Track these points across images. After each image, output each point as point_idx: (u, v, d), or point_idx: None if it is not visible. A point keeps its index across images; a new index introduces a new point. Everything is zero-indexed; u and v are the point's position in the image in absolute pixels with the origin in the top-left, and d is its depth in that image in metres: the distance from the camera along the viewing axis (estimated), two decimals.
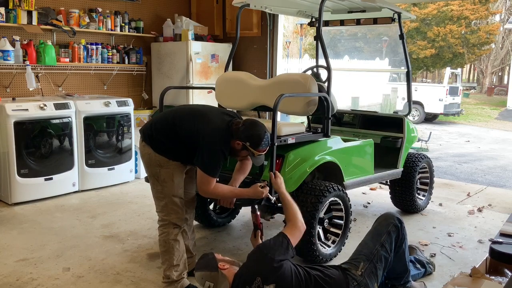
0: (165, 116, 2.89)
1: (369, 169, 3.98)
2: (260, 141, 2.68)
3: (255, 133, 2.68)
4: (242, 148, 2.71)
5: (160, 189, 2.85)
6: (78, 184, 5.11)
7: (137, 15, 6.15)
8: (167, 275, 2.87)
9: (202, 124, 2.71)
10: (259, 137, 2.68)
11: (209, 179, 2.68)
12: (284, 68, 13.73)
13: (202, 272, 2.35)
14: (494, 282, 2.48)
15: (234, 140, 2.69)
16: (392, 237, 2.62)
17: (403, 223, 2.72)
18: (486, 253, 2.98)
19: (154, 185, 2.89)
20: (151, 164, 2.84)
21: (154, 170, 2.83)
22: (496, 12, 25.50)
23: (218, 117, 2.78)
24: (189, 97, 6.01)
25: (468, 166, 8.35)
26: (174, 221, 2.85)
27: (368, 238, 2.67)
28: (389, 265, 2.61)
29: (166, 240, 2.86)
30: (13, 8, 4.81)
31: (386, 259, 2.58)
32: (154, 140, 2.81)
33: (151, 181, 2.91)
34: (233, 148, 2.72)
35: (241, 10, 4.14)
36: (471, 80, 34.23)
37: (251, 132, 2.68)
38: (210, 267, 2.33)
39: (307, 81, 3.33)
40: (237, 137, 2.68)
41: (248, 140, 2.67)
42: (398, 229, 2.66)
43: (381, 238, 2.60)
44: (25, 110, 4.57)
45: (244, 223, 4.27)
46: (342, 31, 20.01)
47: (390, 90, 16.49)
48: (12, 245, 3.66)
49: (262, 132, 2.70)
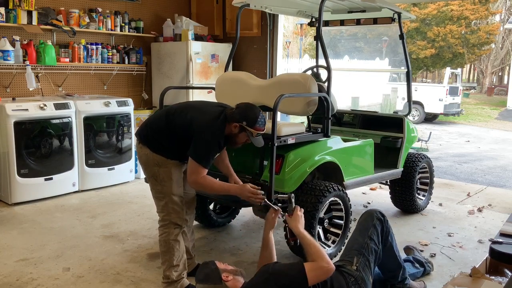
0: (158, 115, 2.90)
1: (369, 169, 3.98)
2: (256, 118, 2.70)
3: (250, 112, 2.72)
4: (239, 130, 2.71)
5: (159, 189, 2.85)
6: (78, 184, 5.11)
7: (137, 15, 6.15)
8: (167, 275, 2.87)
9: (195, 115, 2.72)
10: (255, 115, 2.71)
11: (199, 168, 2.65)
12: (284, 68, 13.73)
13: (205, 286, 2.26)
14: (494, 282, 2.49)
15: (230, 124, 2.71)
16: (378, 229, 2.69)
17: (385, 216, 2.80)
18: (486, 253, 2.98)
19: (154, 185, 2.89)
20: (149, 165, 2.84)
21: (152, 170, 2.83)
22: (496, 12, 25.51)
23: (210, 108, 2.80)
24: (189, 97, 6.01)
25: (468, 166, 8.35)
26: (174, 221, 2.85)
27: (356, 233, 2.72)
28: (379, 258, 2.65)
29: (167, 240, 2.85)
30: (13, 8, 4.80)
31: (376, 252, 2.63)
32: (150, 140, 2.82)
33: (150, 182, 2.91)
34: (231, 133, 2.73)
35: (241, 10, 4.14)
36: (471, 80, 34.23)
37: (245, 112, 2.71)
38: (213, 279, 2.23)
39: (307, 81, 3.33)
40: (232, 120, 2.70)
41: (244, 119, 2.69)
42: (381, 222, 2.73)
43: (369, 232, 2.67)
44: (25, 110, 4.57)
45: (244, 223, 4.27)
46: (342, 31, 20.00)
47: (390, 90, 16.49)
48: (12, 245, 3.66)
49: (257, 110, 2.75)
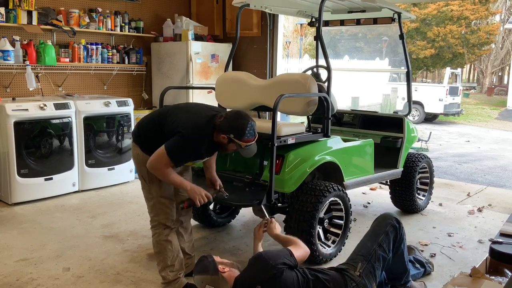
0: (151, 116, 2.89)
1: (369, 169, 3.98)
2: (243, 131, 2.57)
3: (237, 124, 2.58)
4: (228, 141, 2.61)
5: (148, 189, 2.85)
6: (78, 184, 5.11)
7: (137, 15, 6.15)
8: (163, 276, 2.88)
9: (181, 118, 2.66)
10: (242, 127, 2.57)
11: (167, 160, 2.57)
12: (284, 68, 13.73)
13: (202, 276, 2.31)
14: (494, 282, 2.49)
15: (218, 134, 2.62)
16: (390, 237, 2.62)
17: (401, 223, 2.71)
18: (486, 253, 2.98)
19: (143, 185, 2.89)
20: (140, 165, 2.82)
21: (142, 170, 2.80)
22: (496, 12, 25.51)
23: (200, 112, 2.71)
24: (189, 97, 6.01)
25: (468, 166, 8.35)
26: (163, 222, 2.84)
27: (366, 238, 2.67)
28: (388, 265, 2.61)
29: (158, 241, 2.86)
30: (13, 8, 4.80)
31: (385, 259, 2.58)
32: (141, 140, 2.81)
33: (141, 182, 2.91)
34: (219, 142, 2.64)
35: (241, 10, 4.14)
36: (471, 80, 34.23)
37: (233, 123, 2.58)
38: (210, 270, 2.29)
39: (307, 81, 3.33)
40: (220, 131, 2.60)
41: (231, 132, 2.57)
42: (396, 230, 2.66)
43: (379, 238, 2.60)
44: (25, 110, 4.57)
45: (244, 223, 4.27)
46: (342, 31, 20.00)
47: (390, 90, 16.48)
48: (12, 245, 3.66)
49: (245, 121, 2.60)
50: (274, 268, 2.24)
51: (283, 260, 2.31)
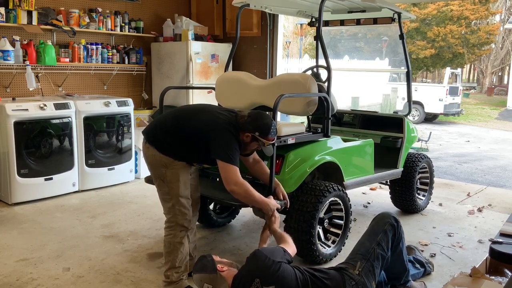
0: (169, 116, 2.88)
1: (369, 169, 3.98)
2: (269, 129, 2.70)
3: (263, 122, 2.71)
4: (251, 140, 2.72)
5: (166, 190, 2.81)
6: (78, 184, 5.11)
7: (137, 15, 6.15)
8: (167, 275, 2.86)
9: (209, 119, 2.72)
10: (268, 125, 2.71)
11: (232, 168, 2.62)
12: (284, 68, 13.72)
13: (200, 275, 2.33)
14: (494, 282, 2.49)
15: (242, 133, 2.71)
16: (389, 236, 2.64)
17: (399, 222, 2.73)
18: (486, 253, 2.98)
19: (160, 186, 2.85)
20: (156, 166, 2.80)
21: (159, 171, 2.79)
22: (496, 12, 25.51)
23: (222, 113, 2.80)
24: (189, 97, 6.01)
25: (468, 166, 8.35)
26: (181, 223, 2.82)
27: (365, 237, 2.68)
28: (386, 264, 2.62)
29: (172, 242, 2.84)
30: (13, 8, 4.81)
31: (384, 258, 2.59)
32: (158, 140, 2.78)
33: (156, 183, 2.87)
34: (242, 141, 2.73)
35: (241, 10, 4.15)
36: (471, 80, 34.23)
37: (258, 122, 2.70)
38: (209, 269, 2.31)
39: (307, 81, 3.33)
40: (245, 130, 2.70)
41: (257, 130, 2.69)
42: (394, 228, 2.68)
43: (378, 237, 2.62)
44: (25, 110, 4.57)
45: (244, 223, 4.27)
46: (342, 31, 20.02)
47: (390, 90, 16.49)
48: (12, 245, 3.66)
49: (270, 120, 2.74)
50: (272, 262, 2.28)
51: (280, 255, 2.37)
